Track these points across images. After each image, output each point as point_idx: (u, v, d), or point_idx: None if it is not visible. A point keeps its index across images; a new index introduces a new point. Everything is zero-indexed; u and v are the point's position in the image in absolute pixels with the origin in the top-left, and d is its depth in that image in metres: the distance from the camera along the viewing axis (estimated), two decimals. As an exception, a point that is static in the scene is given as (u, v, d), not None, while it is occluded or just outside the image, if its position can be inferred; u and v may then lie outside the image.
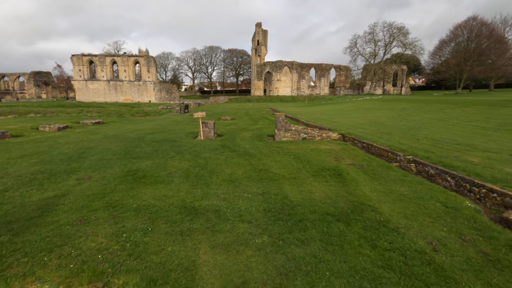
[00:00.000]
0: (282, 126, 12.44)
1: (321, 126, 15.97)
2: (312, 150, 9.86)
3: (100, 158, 8.66)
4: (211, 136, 13.65)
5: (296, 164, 7.88)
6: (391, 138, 10.54)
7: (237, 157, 8.86)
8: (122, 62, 66.52)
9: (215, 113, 31.35)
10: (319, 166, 7.58)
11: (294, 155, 9.07)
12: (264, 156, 8.97)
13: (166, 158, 8.64)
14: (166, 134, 14.37)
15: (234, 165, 7.81)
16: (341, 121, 18.55)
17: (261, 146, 10.84)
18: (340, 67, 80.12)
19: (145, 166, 7.64)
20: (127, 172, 6.92)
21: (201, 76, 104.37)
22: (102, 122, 21.36)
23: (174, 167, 7.57)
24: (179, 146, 10.84)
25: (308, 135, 12.54)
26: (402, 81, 77.76)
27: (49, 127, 16.03)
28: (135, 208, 4.61)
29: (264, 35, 77.07)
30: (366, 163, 7.92)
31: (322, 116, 24.16)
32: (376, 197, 5.15)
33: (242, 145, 11.03)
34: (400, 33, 69.66)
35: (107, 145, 10.98)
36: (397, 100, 40.29)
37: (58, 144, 11.33)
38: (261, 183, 6.11)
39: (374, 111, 28.47)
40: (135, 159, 8.46)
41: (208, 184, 6.01)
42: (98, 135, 14.17)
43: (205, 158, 8.61)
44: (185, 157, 8.85)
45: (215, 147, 10.63)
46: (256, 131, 15.30)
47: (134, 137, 13.38)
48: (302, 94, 75.96)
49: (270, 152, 9.63)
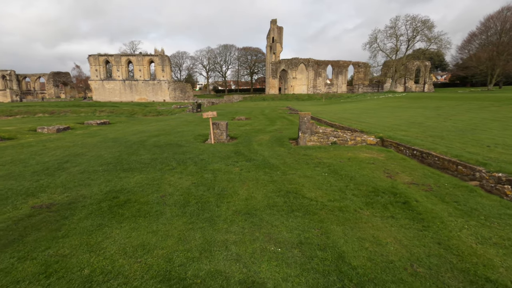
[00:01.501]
0: (308, 128, 10.34)
1: (350, 128, 13.74)
2: (349, 159, 7.72)
3: (83, 170, 6.89)
4: (223, 139, 11.73)
5: (335, 181, 5.79)
6: (450, 144, 8.22)
7: (255, 169, 6.87)
8: (137, 61, 66.12)
9: (228, 112, 29.52)
10: (368, 186, 5.47)
11: (328, 167, 6.97)
12: (289, 168, 6.93)
13: (164, 171, 6.76)
14: (172, 137, 12.58)
15: (251, 182, 5.82)
16: (370, 121, 16.19)
17: (283, 153, 8.79)
18: (359, 64, 76.65)
19: (134, 183, 5.77)
20: (106, 195, 5.07)
21: (215, 75, 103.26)
22: (107, 122, 19.94)
23: (172, 185, 5.66)
24: (183, 152, 8.97)
25: (339, 139, 10.38)
26: (425, 78, 73.47)
27: (48, 128, 14.65)
28: (83, 279, 2.69)
29: (279, 32, 74.69)
30: (432, 182, 5.72)
31: (346, 115, 21.79)
32: (500, 260, 2.99)
33: (259, 151, 9.03)
34: (425, 27, 65.52)
35: (100, 151, 9.26)
36: (426, 98, 37.10)
37: (45, 149, 9.74)
38: (293, 218, 4.08)
39: (403, 109, 25.74)
40: (125, 172, 6.63)
41: (213, 220, 4.04)
42: (96, 137, 12.57)
43: (214, 171, 6.67)
44: (189, 169, 6.94)
45: (227, 154, 8.68)
46: (274, 133, 13.26)
47: (135, 140, 11.65)
48: (318, 92, 73.13)
49: (296, 162, 7.58)
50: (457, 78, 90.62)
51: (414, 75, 72.69)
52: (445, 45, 64.60)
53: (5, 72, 76.78)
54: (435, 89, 73.48)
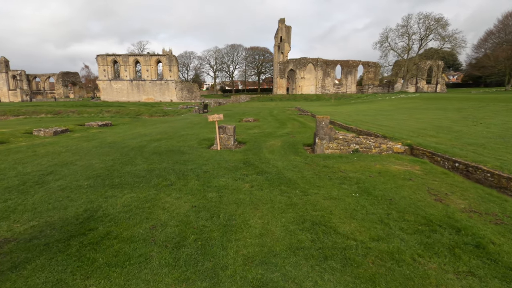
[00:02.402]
0: (326, 134, 9.12)
1: (369, 132, 12.47)
2: (380, 173, 6.49)
3: (65, 185, 5.84)
4: (230, 144, 10.61)
5: (371, 206, 4.59)
6: (498, 155, 6.91)
7: (268, 186, 5.71)
8: (145, 61, 65.75)
9: (236, 113, 28.43)
10: (416, 214, 4.25)
11: (357, 184, 5.76)
12: (309, 184, 5.75)
13: (160, 188, 5.65)
14: (174, 142, 11.51)
15: (264, 206, 4.66)
16: (390, 124, 14.86)
17: (299, 163, 7.60)
18: (369, 64, 74.70)
19: (121, 206, 4.68)
20: (81, 225, 3.98)
21: (223, 75, 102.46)
22: (109, 124, 19.04)
23: (166, 209, 4.54)
24: (185, 162, 7.87)
25: (362, 146, 9.14)
26: (438, 78, 71.18)
27: (44, 131, 13.77)
28: None
29: (287, 31, 73.32)
30: (498, 210, 4.46)
31: (360, 117, 20.44)
32: None
33: (272, 161, 7.86)
34: (438, 25, 63.29)
35: (91, 159, 8.23)
36: (441, 99, 35.34)
37: (33, 156, 8.76)
38: (330, 273, 2.91)
39: (421, 111, 24.23)
40: (114, 189, 5.55)
41: (216, 275, 2.88)
42: (93, 142, 11.58)
43: (219, 189, 5.53)
44: (189, 184, 5.82)
45: (234, 164, 7.54)
46: (286, 138, 12.08)
47: (134, 146, 10.62)
48: (327, 92, 71.53)
49: (317, 176, 6.38)
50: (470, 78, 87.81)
51: (426, 75, 70.47)
52: (460, 44, 62.18)
53: (15, 72, 77.45)
54: (447, 90, 71.08)
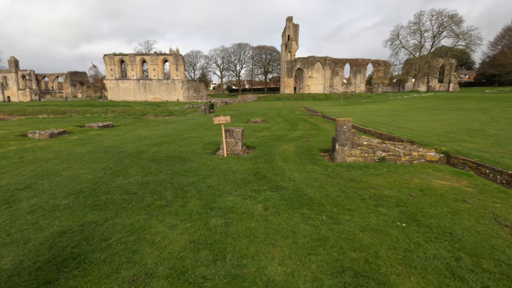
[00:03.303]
0: (348, 140, 7.92)
1: (391, 135, 11.24)
2: (422, 191, 5.29)
3: (38, 205, 4.80)
4: (238, 150, 9.49)
5: (429, 245, 3.41)
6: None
7: (286, 208, 4.58)
8: (151, 60, 65.27)
9: (242, 113, 27.33)
10: (497, 261, 3.06)
11: (398, 206, 4.58)
12: (338, 207, 4.59)
13: (152, 210, 4.57)
14: (177, 146, 10.46)
15: (284, 242, 3.53)
16: (411, 126, 13.56)
17: (319, 175, 6.44)
18: (378, 62, 72.74)
19: (97, 240, 3.58)
20: (36, 273, 2.90)
21: (229, 74, 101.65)
22: (111, 125, 18.12)
23: (157, 245, 3.45)
24: (186, 172, 6.78)
25: (389, 154, 7.92)
26: (450, 76, 68.86)
27: (40, 133, 12.89)
28: None
29: (295, 29, 71.90)
30: None
31: (375, 118, 19.12)
32: None
33: (287, 172, 6.71)
34: (452, 22, 61.12)
35: (80, 168, 7.21)
36: (458, 98, 33.62)
37: (17, 164, 7.79)
38: None
39: (440, 111, 22.76)
40: (95, 211, 4.49)
41: None
42: (88, 146, 10.61)
43: (225, 213, 4.42)
44: (189, 205, 4.73)
45: (243, 176, 6.42)
46: (299, 142, 10.91)
47: (132, 151, 9.58)
48: (335, 91, 69.94)
49: (344, 193, 5.22)
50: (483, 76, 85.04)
51: (438, 74, 68.24)
52: (475, 41, 59.85)
53: (25, 72, 77.92)
54: (459, 89, 68.72)
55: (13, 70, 76.86)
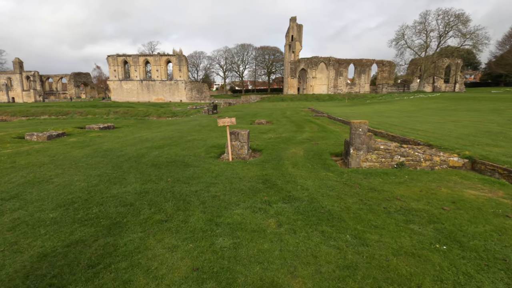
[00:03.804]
0: (364, 143, 7.32)
1: (405, 137, 10.62)
2: (455, 204, 4.67)
3: (21, 220, 4.25)
4: (244, 154, 8.92)
5: (481, 276, 2.81)
6: None
7: (303, 224, 3.99)
8: (155, 61, 65.04)
9: (247, 114, 26.78)
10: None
11: (431, 222, 3.97)
12: (363, 224, 3.99)
13: (150, 225, 4.01)
14: (179, 149, 9.91)
15: (305, 270, 2.94)
16: (424, 128, 12.90)
17: (335, 183, 5.84)
18: (383, 62, 71.77)
19: (82, 267, 3.01)
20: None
21: (233, 75, 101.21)
22: (112, 126, 17.64)
23: (151, 277, 2.85)
24: (189, 179, 6.21)
25: (408, 159, 7.30)
26: (456, 77, 67.79)
27: (38, 135, 12.42)
28: None
29: (299, 30, 71.29)
30: None
31: (383, 119, 18.47)
32: None
33: (299, 179, 6.13)
34: (459, 21, 60.11)
35: (73, 175, 6.67)
36: (467, 99, 32.79)
37: (9, 169, 7.27)
38: None
39: (451, 112, 22.04)
40: (84, 228, 3.93)
41: None
42: (86, 149, 10.09)
43: (233, 230, 3.84)
44: (191, 220, 4.16)
45: (251, 184, 5.84)
46: (308, 145, 10.32)
47: (131, 154, 9.05)
48: (339, 92, 69.18)
49: (366, 205, 4.62)
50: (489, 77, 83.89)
51: (444, 74, 67.21)
52: (482, 41, 58.90)
53: (29, 73, 78.03)
54: (466, 89, 67.61)
55: (17, 71, 77.00)
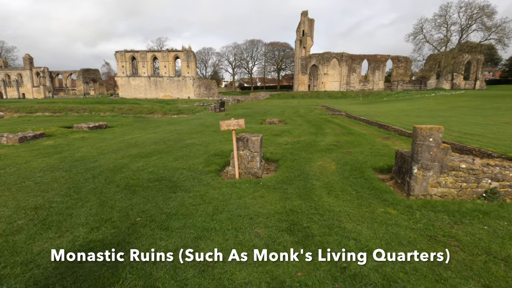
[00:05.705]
0: (435, 160, 4.88)
1: (464, 146, 8.13)
2: None
3: None
4: (255, 168, 6.58)
5: None
6: None
7: None
8: (163, 57, 63.38)
9: (256, 112, 24.42)
10: None
11: None
12: None
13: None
14: (171, 159, 7.64)
15: None
16: (477, 131, 10.35)
17: (409, 234, 3.44)
18: (398, 58, 68.07)
19: None
20: None
21: (241, 71, 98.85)
22: (104, 126, 15.56)
23: None
24: (171, 217, 3.89)
25: (503, 184, 4.84)
26: (477, 73, 63.73)
27: (8, 137, 10.39)
28: None
29: (310, 25, 68.28)
30: None
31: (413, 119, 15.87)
32: None
33: (345, 222, 3.76)
34: (483, 14, 56.09)
35: (1, 205, 4.50)
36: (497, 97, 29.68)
37: None
38: None
39: (491, 111, 19.20)
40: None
41: None
42: (53, 157, 7.93)
43: None
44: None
45: (269, 233, 3.49)
46: (338, 154, 7.91)
47: (107, 166, 6.82)
48: (352, 89, 66.10)
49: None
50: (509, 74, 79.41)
51: (464, 71, 63.23)
52: (509, 35, 54.82)
53: (39, 69, 77.45)
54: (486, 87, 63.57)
55: (27, 67, 76.59)
